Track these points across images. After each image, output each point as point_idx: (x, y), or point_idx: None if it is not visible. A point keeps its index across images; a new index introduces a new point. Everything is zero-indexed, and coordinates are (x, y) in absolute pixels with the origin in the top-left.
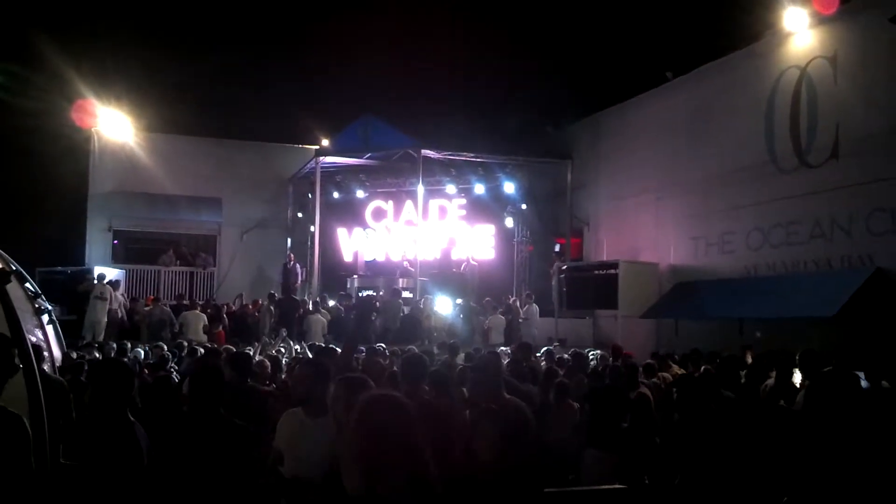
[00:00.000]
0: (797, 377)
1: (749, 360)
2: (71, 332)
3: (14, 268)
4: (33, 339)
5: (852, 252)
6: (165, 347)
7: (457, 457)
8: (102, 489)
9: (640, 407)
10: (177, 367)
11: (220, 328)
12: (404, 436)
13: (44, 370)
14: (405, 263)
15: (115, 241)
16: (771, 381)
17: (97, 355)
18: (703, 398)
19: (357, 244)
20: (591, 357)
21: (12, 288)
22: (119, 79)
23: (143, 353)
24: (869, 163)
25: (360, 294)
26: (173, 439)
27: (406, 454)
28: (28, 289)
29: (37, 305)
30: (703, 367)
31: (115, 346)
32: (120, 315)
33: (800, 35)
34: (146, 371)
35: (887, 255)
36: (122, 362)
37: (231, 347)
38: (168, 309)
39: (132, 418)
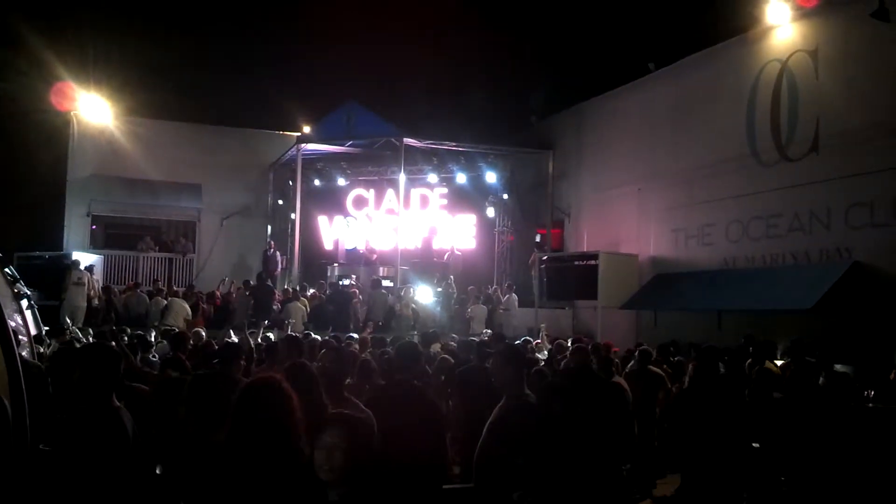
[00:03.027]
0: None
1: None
2: (48, 318)
3: None
4: (12, 323)
5: (831, 245)
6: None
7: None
8: (84, 475)
9: (613, 397)
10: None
11: (199, 316)
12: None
13: (22, 355)
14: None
15: (94, 227)
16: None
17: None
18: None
19: (338, 232)
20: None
21: None
22: (99, 61)
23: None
24: (848, 157)
25: (340, 283)
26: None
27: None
28: (7, 273)
29: (16, 290)
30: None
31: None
32: (96, 301)
33: (782, 28)
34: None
35: (865, 248)
36: (110, 346)
37: (200, 331)
38: (145, 295)
39: (118, 403)
